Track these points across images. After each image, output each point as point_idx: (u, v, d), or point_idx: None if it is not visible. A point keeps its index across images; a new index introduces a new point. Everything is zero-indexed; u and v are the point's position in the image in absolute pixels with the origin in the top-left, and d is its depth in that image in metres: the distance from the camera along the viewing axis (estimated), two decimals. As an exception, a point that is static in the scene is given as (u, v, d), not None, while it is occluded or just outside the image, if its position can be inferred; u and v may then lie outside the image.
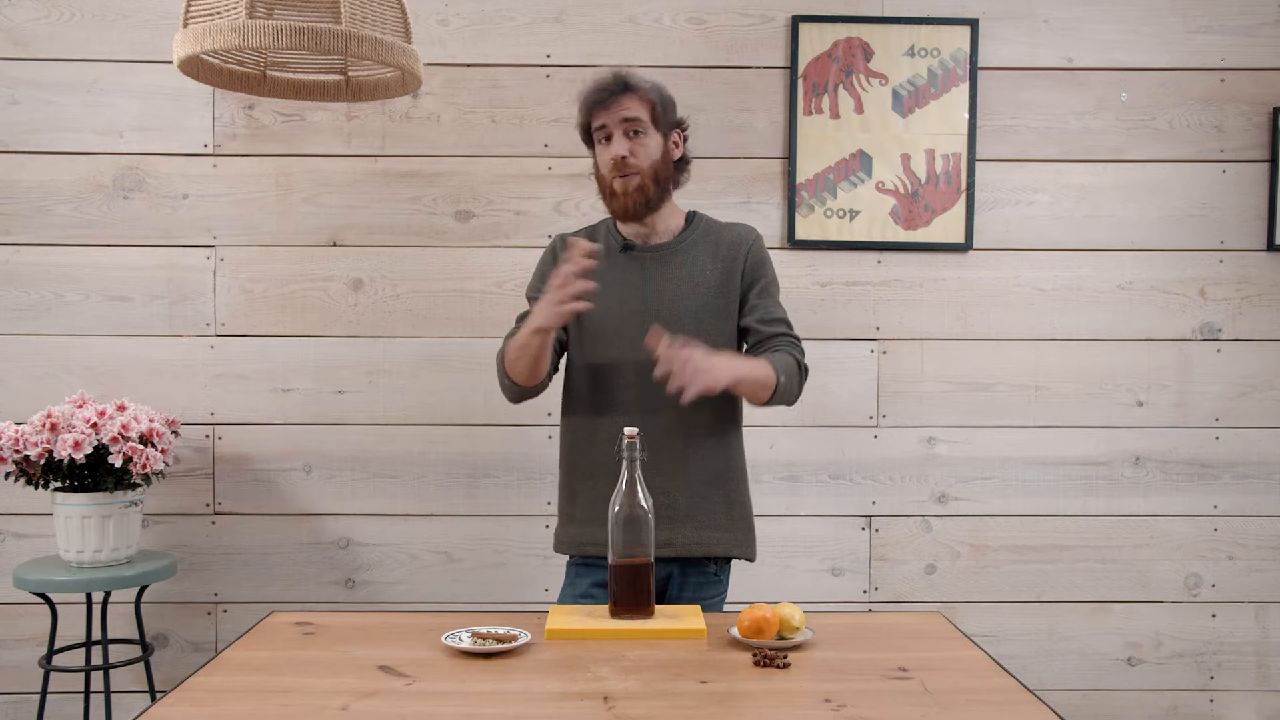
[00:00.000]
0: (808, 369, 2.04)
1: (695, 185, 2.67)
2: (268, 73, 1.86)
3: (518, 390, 2.02)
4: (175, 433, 2.58)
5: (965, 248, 2.79)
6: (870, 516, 2.83)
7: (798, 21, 2.75)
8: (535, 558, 2.79)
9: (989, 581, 2.83)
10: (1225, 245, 2.82)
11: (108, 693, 2.47)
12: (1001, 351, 2.82)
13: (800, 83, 2.76)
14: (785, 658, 1.56)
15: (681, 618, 1.74)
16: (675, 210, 2.07)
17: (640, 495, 1.73)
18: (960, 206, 2.78)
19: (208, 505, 2.77)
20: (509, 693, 1.44)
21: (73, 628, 2.70)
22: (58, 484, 2.46)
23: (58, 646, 2.59)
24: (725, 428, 2.05)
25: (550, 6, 2.76)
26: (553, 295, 1.83)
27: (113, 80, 2.73)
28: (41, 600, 2.50)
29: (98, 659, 2.64)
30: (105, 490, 2.42)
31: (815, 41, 2.76)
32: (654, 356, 1.80)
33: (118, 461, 2.38)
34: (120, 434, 2.39)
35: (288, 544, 2.78)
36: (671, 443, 1.98)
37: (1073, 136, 2.81)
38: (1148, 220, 2.82)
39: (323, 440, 2.77)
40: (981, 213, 2.80)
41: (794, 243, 2.77)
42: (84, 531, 2.42)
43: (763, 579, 2.78)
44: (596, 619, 1.73)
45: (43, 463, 2.40)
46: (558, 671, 1.52)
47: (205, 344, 2.76)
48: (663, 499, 1.95)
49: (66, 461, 2.37)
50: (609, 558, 1.74)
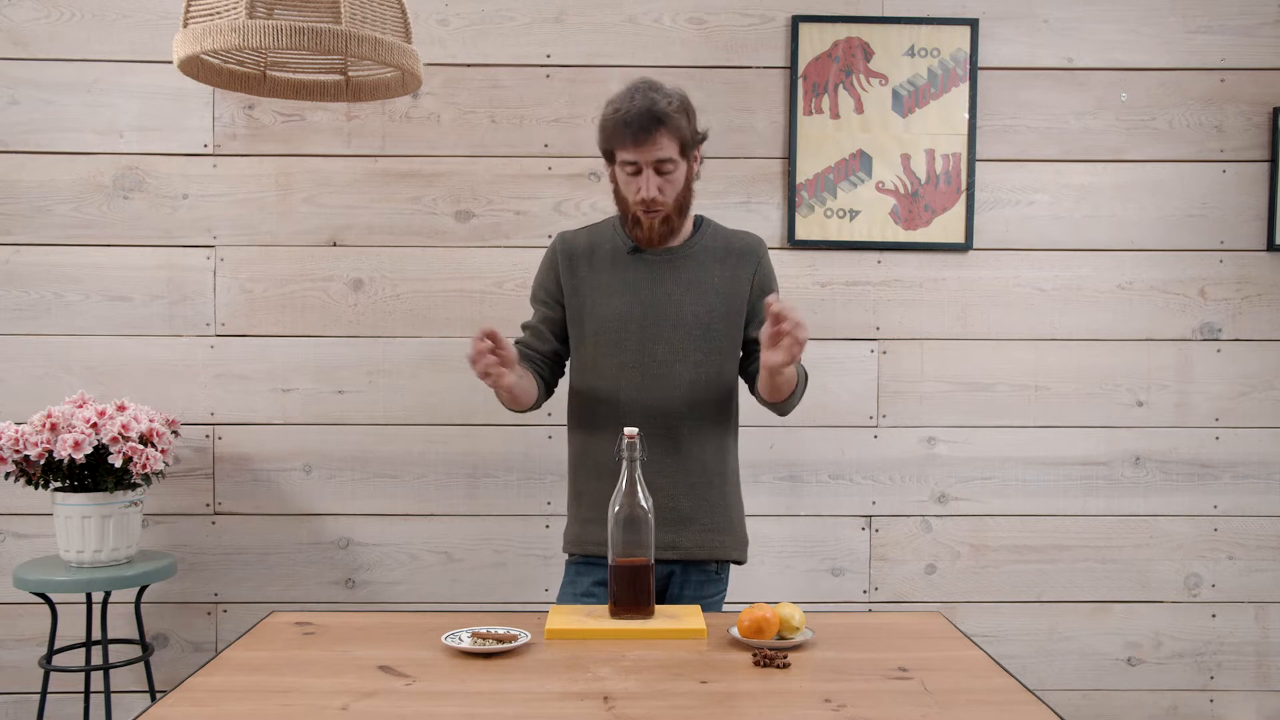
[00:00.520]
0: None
1: (695, 185, 2.67)
2: (268, 73, 1.86)
3: (517, 414, 2.11)
4: (175, 433, 2.58)
5: (965, 248, 2.79)
6: (870, 516, 2.83)
7: (798, 21, 2.75)
8: (535, 558, 2.79)
9: (989, 581, 2.83)
10: (1225, 245, 2.82)
11: (108, 693, 2.47)
12: (1001, 351, 2.82)
13: (800, 83, 2.76)
14: (785, 658, 1.56)
15: (681, 618, 1.74)
16: None
17: (640, 495, 1.73)
18: (960, 206, 2.78)
19: (208, 505, 2.77)
20: (509, 693, 1.44)
21: (73, 628, 2.70)
22: (58, 484, 2.46)
23: (58, 646, 2.59)
24: (725, 431, 2.05)
25: (550, 6, 2.76)
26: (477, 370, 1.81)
27: (113, 80, 2.73)
28: (41, 600, 2.50)
29: (98, 659, 2.64)
30: (105, 490, 2.42)
31: (815, 41, 2.76)
32: (768, 313, 1.74)
33: (118, 461, 2.38)
34: (120, 434, 2.39)
35: (288, 544, 2.78)
36: (675, 445, 1.98)
37: (1073, 136, 2.81)
38: (1148, 220, 2.82)
39: (323, 440, 2.77)
40: (981, 213, 2.80)
41: (794, 243, 2.78)
42: (84, 531, 2.42)
43: (763, 579, 2.78)
44: (596, 619, 1.73)
45: (43, 463, 2.40)
46: (558, 671, 1.52)
47: (205, 344, 2.76)
48: (666, 501, 1.95)
49: (66, 461, 2.37)
50: (609, 558, 1.74)
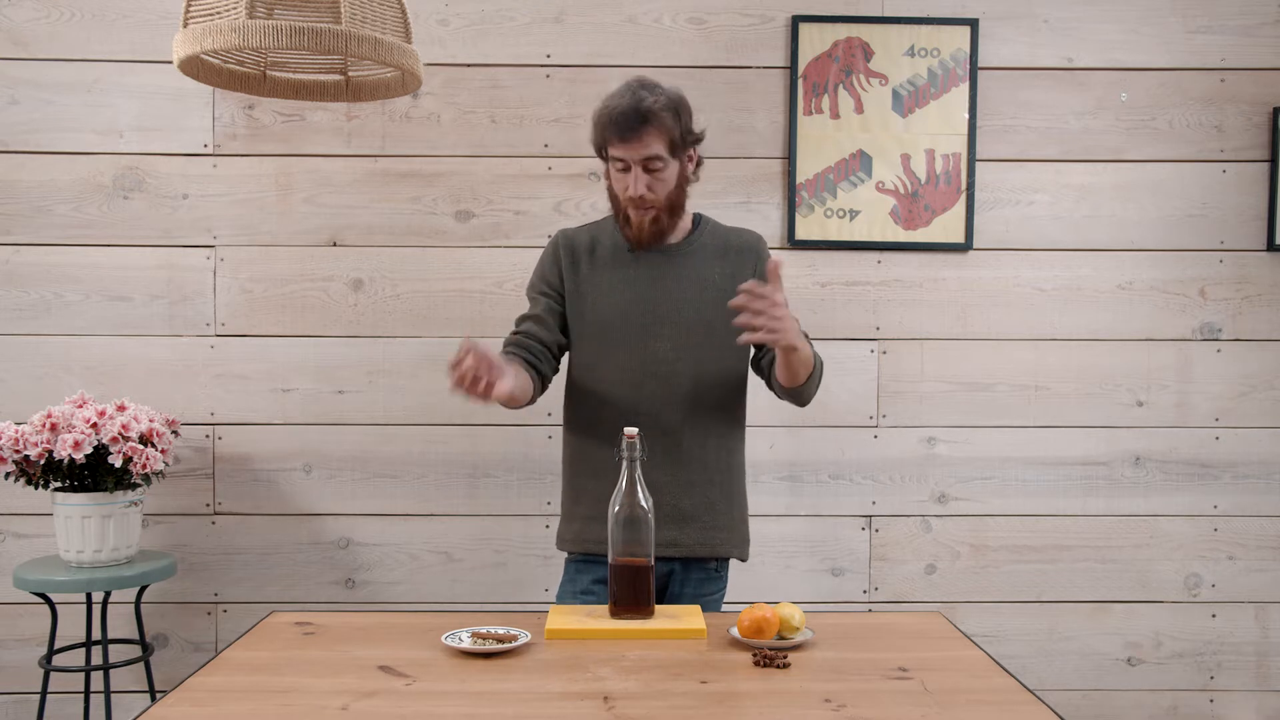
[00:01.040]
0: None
1: (695, 185, 2.66)
2: (268, 73, 1.86)
3: (512, 410, 2.07)
4: (175, 433, 2.58)
5: (965, 248, 2.79)
6: (870, 516, 2.83)
7: (798, 21, 2.75)
8: (535, 558, 2.79)
9: (989, 581, 2.83)
10: (1225, 245, 2.82)
11: (108, 693, 2.47)
12: (1001, 351, 2.82)
13: (800, 83, 2.76)
14: (785, 658, 1.56)
15: (681, 618, 1.74)
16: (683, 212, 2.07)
17: (640, 495, 1.72)
18: (960, 206, 2.78)
19: (208, 505, 2.77)
20: (509, 693, 1.44)
21: (73, 628, 2.70)
22: (58, 484, 2.46)
23: (58, 646, 2.59)
24: (729, 428, 2.05)
25: (550, 6, 2.76)
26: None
27: (113, 80, 2.73)
28: (41, 600, 2.50)
29: (98, 659, 2.64)
30: (105, 490, 2.42)
31: (815, 41, 2.76)
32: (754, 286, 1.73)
33: (118, 461, 2.38)
34: (120, 434, 2.39)
35: (288, 544, 2.78)
36: (676, 442, 1.97)
37: (1073, 136, 2.81)
38: (1148, 220, 2.82)
39: (323, 440, 2.77)
40: (981, 213, 2.80)
41: (794, 243, 2.77)
42: (84, 531, 2.42)
43: (763, 579, 2.78)
44: (596, 619, 1.73)
45: (43, 463, 2.40)
46: (558, 671, 1.52)
47: (205, 344, 2.76)
48: (667, 499, 1.95)
49: (66, 461, 2.37)
50: (609, 557, 1.74)
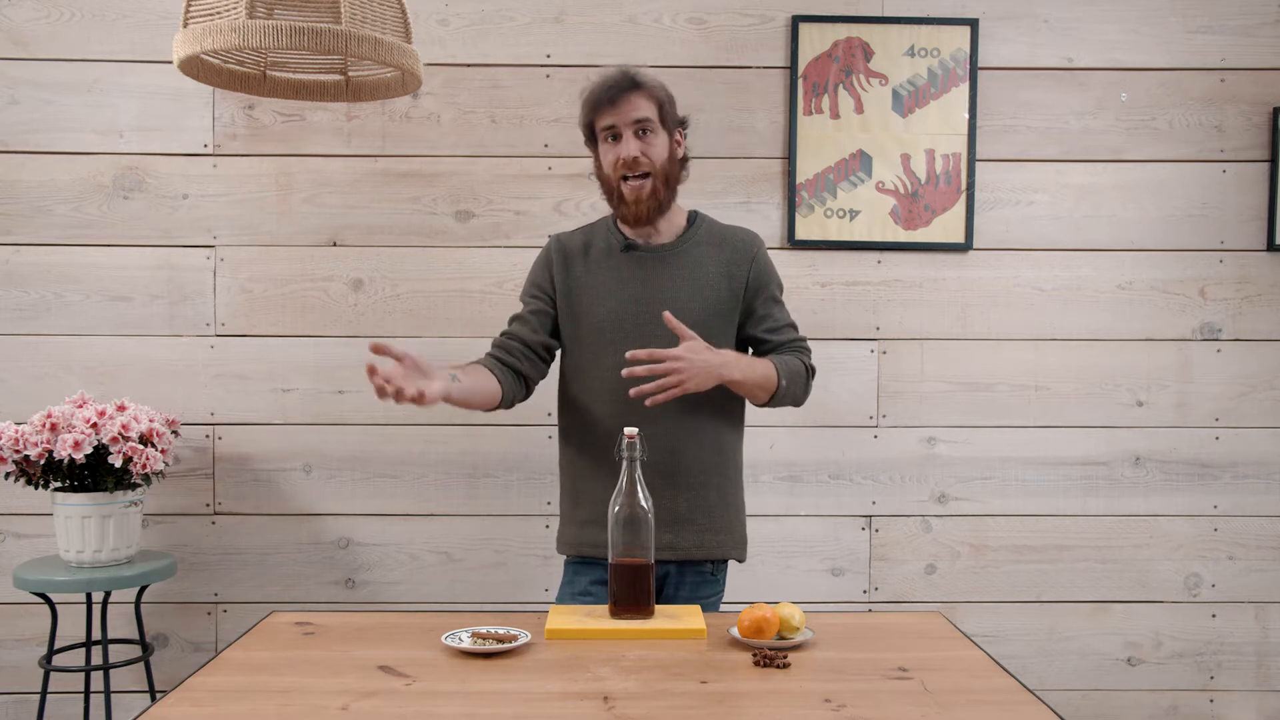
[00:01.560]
0: (814, 370, 2.05)
1: (695, 185, 2.67)
2: (268, 73, 1.86)
3: (486, 413, 2.12)
4: (175, 433, 2.58)
5: (965, 248, 2.79)
6: (870, 516, 2.83)
7: (798, 21, 2.75)
8: (535, 558, 2.79)
9: (989, 581, 2.83)
10: (1225, 245, 2.82)
11: (108, 693, 2.47)
12: (1001, 351, 2.82)
13: (800, 83, 2.76)
14: (785, 658, 1.56)
15: (681, 618, 1.74)
16: (678, 210, 2.06)
17: (640, 495, 1.72)
18: (960, 206, 2.78)
19: (208, 505, 2.77)
20: (509, 693, 1.44)
21: (73, 628, 2.70)
22: (58, 484, 2.46)
23: (58, 646, 2.59)
24: (726, 430, 2.04)
25: (550, 6, 2.76)
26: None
27: (113, 80, 2.72)
28: (41, 600, 2.50)
29: (98, 659, 2.64)
30: (105, 490, 2.42)
31: (815, 41, 2.76)
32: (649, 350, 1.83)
33: (118, 461, 2.38)
34: (120, 434, 2.39)
35: (288, 544, 2.78)
36: (672, 444, 1.97)
37: (1073, 136, 2.81)
38: (1147, 220, 2.82)
39: (323, 440, 2.77)
40: (981, 213, 2.80)
41: (794, 243, 2.77)
42: (84, 531, 2.42)
43: (763, 579, 2.78)
44: (596, 619, 1.73)
45: (43, 463, 2.40)
46: (558, 671, 1.52)
47: (205, 344, 2.75)
48: (664, 501, 1.95)
49: (66, 461, 2.37)
50: (609, 557, 1.74)
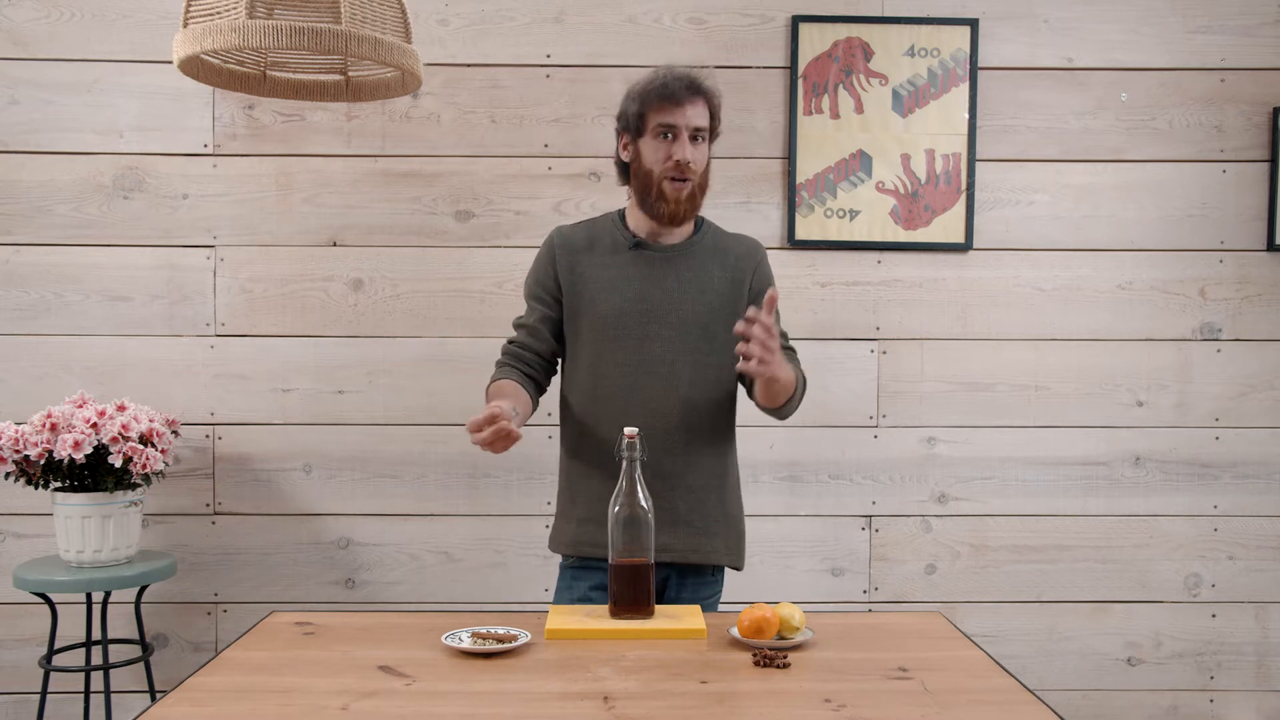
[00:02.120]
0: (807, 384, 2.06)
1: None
2: (268, 73, 1.86)
3: None
4: (175, 433, 2.58)
5: (965, 248, 2.79)
6: (870, 516, 2.83)
7: (798, 21, 2.75)
8: (535, 558, 2.79)
9: (989, 581, 2.83)
10: (1225, 245, 2.82)
11: (108, 693, 2.47)
12: (1001, 351, 2.82)
13: (800, 83, 2.76)
14: (785, 658, 1.56)
15: (681, 618, 1.74)
16: None
17: (640, 495, 1.72)
18: (960, 206, 2.78)
19: (208, 505, 2.77)
20: (509, 693, 1.44)
21: (73, 628, 2.70)
22: (58, 484, 2.46)
23: (58, 646, 2.59)
24: (723, 434, 2.04)
25: (550, 6, 2.76)
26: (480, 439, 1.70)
27: (113, 80, 2.73)
28: (41, 600, 2.50)
29: (98, 659, 2.64)
30: (105, 490, 2.42)
31: (815, 41, 2.76)
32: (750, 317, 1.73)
33: (118, 461, 2.38)
34: (120, 434, 2.39)
35: (288, 544, 2.78)
36: (672, 445, 1.97)
37: (1073, 136, 2.81)
38: (1147, 220, 2.82)
39: (323, 440, 2.77)
40: (981, 213, 2.80)
41: (794, 243, 2.77)
42: (84, 531, 2.42)
43: (763, 579, 2.78)
44: (596, 619, 1.73)
45: (43, 463, 2.40)
46: (558, 671, 1.52)
47: (205, 344, 2.76)
48: (662, 502, 1.94)
49: (66, 461, 2.37)
50: (609, 558, 1.74)
